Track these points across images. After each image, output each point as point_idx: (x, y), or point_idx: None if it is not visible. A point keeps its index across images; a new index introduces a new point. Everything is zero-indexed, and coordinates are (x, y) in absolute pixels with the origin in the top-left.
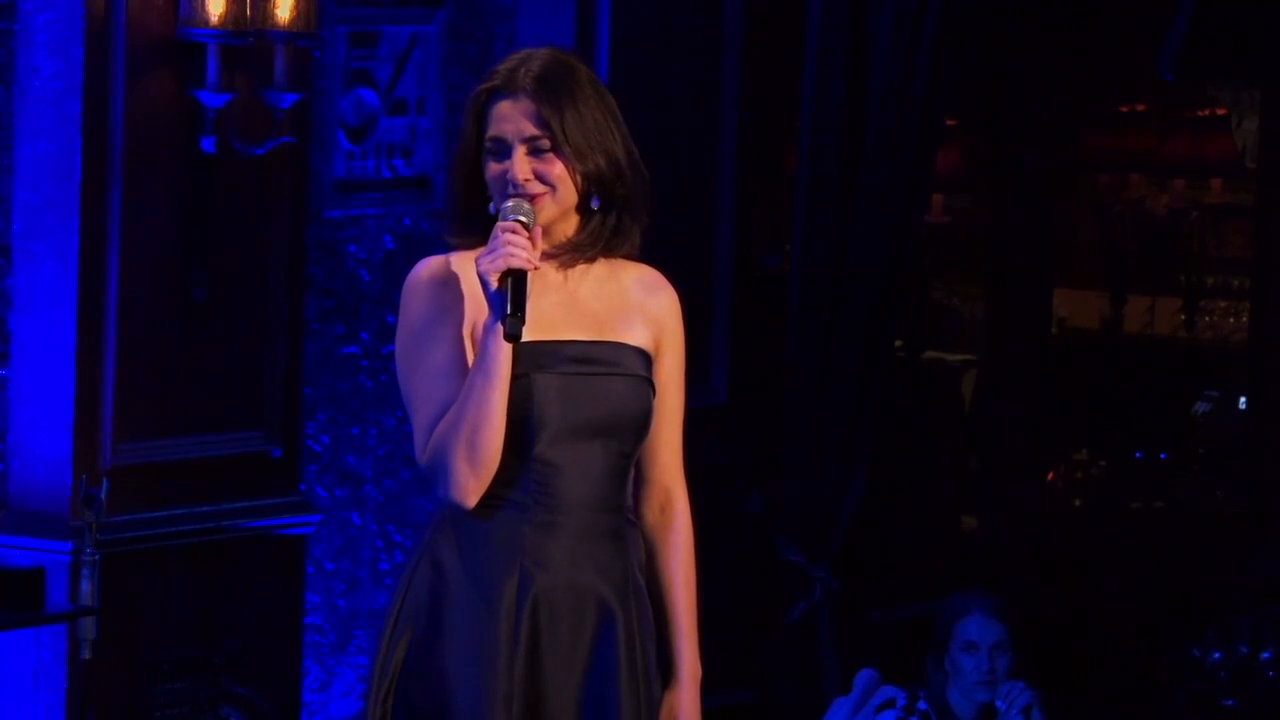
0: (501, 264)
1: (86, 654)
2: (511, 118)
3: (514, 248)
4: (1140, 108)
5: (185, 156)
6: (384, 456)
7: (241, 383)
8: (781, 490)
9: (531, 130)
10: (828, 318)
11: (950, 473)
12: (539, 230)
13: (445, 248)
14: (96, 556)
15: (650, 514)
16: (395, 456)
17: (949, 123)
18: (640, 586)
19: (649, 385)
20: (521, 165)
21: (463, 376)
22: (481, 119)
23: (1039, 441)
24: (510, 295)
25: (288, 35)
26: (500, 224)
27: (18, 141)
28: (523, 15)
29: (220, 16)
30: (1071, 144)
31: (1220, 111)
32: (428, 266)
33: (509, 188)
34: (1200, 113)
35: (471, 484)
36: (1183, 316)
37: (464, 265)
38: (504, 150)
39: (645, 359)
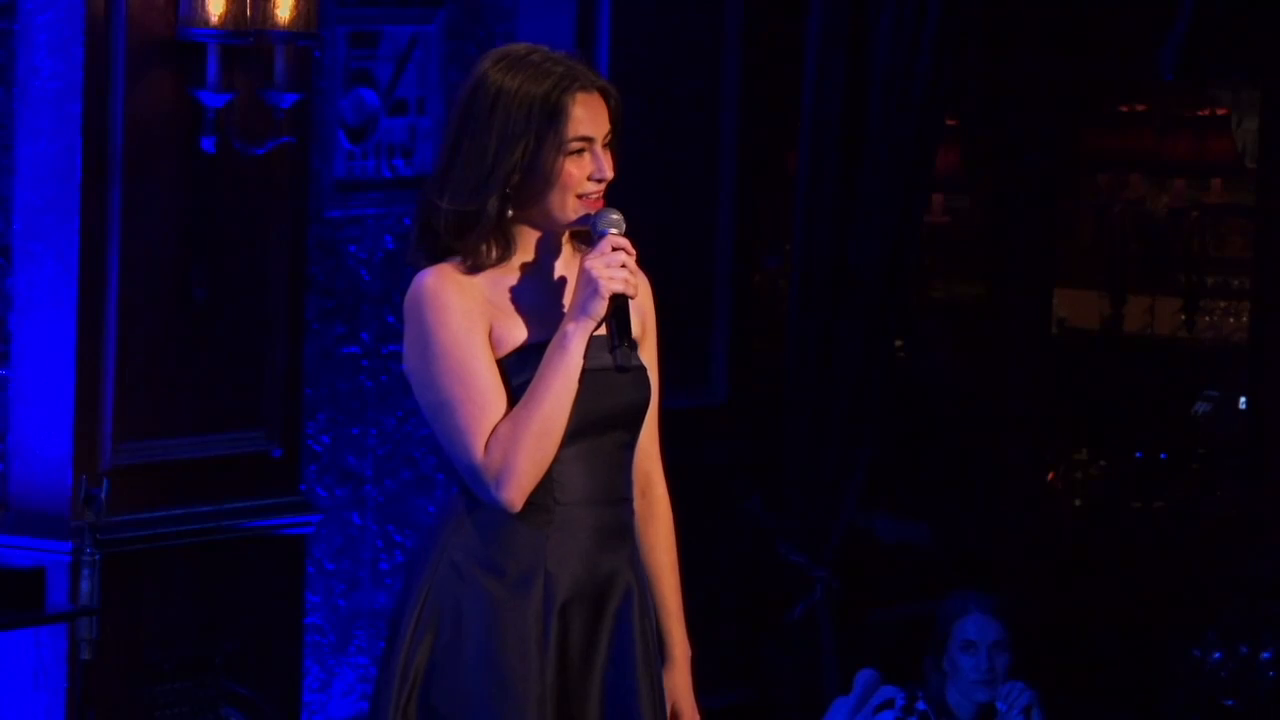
0: (619, 285)
1: (86, 654)
2: (595, 116)
3: (628, 272)
4: (1140, 108)
5: (185, 156)
6: (384, 456)
7: (241, 383)
8: (781, 490)
9: (608, 125)
10: (828, 318)
11: (953, 472)
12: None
13: None
14: (96, 556)
15: (633, 499)
16: (395, 456)
17: (949, 123)
18: (643, 573)
19: (648, 374)
20: (610, 162)
21: (500, 380)
22: (563, 118)
23: (1039, 441)
24: (616, 324)
25: (288, 35)
26: (612, 239)
27: (18, 141)
28: (523, 15)
29: (220, 16)
30: (1071, 144)
31: (1220, 111)
32: (439, 275)
33: (581, 186)
34: (1200, 113)
35: (530, 485)
36: (1183, 316)
37: (470, 275)
38: (589, 149)
39: (636, 347)
